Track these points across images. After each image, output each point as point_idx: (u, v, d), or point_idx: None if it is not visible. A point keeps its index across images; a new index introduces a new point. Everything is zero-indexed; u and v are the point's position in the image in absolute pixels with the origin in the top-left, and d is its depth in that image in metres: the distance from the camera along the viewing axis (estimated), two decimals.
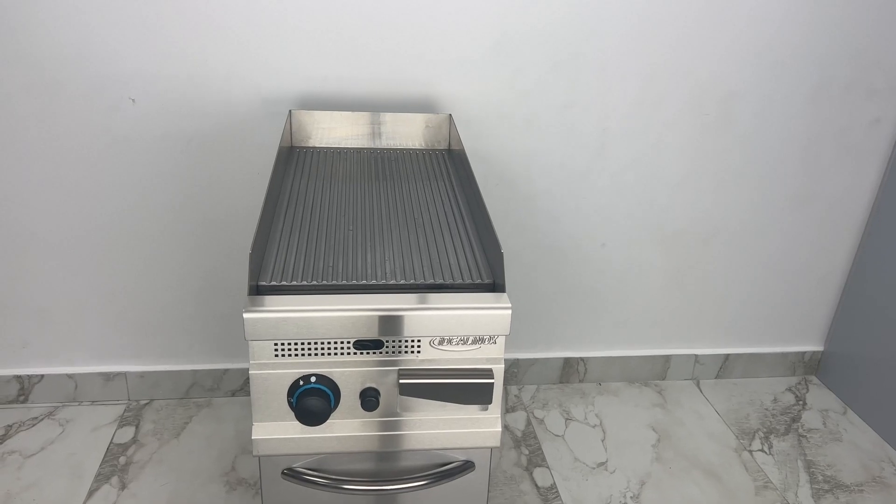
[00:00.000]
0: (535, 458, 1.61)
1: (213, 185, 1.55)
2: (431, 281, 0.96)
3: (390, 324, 0.88)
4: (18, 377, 1.67)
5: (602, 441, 1.67)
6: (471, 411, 0.94)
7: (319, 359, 0.90)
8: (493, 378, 0.91)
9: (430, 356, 0.91)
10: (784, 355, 1.94)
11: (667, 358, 1.89)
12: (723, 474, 1.60)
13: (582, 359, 1.86)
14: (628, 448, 1.66)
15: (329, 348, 0.89)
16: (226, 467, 1.54)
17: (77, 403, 1.71)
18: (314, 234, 1.07)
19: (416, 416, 0.93)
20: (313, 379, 0.90)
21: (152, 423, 1.66)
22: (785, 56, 1.59)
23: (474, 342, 0.91)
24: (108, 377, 1.70)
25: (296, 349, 0.89)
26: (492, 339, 0.91)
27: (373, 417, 0.93)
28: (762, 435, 1.73)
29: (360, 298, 0.89)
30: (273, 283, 0.94)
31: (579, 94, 1.57)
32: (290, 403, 0.90)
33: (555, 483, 1.54)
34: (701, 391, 1.88)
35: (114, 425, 1.64)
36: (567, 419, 1.74)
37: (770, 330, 1.92)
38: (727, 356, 1.91)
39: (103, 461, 1.54)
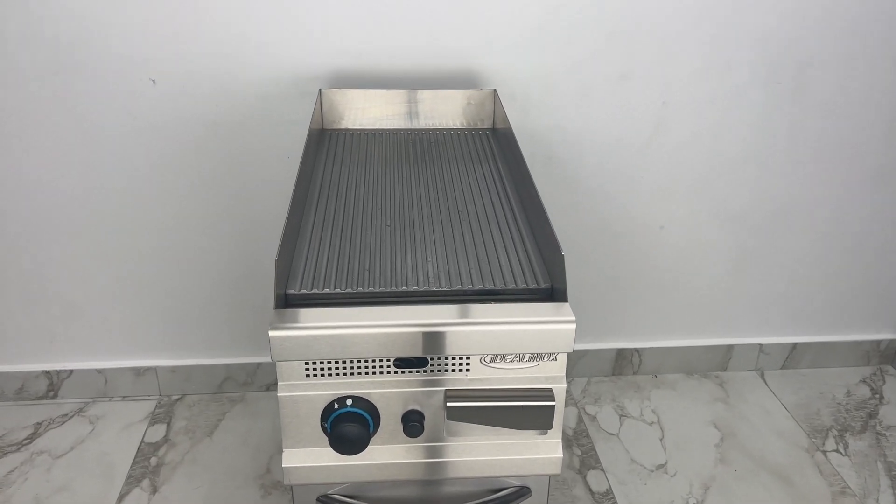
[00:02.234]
0: (589, 460, 1.50)
1: (241, 171, 1.45)
2: (480, 287, 0.85)
3: (435, 339, 0.77)
4: (47, 372, 1.61)
5: (660, 440, 1.56)
6: (527, 436, 0.83)
7: (356, 379, 0.79)
8: (553, 400, 0.80)
9: (480, 375, 0.80)
10: (858, 344, 1.79)
11: (728, 347, 1.75)
12: (795, 478, 1.47)
13: (636, 349, 1.73)
14: (689, 448, 1.54)
15: (367, 367, 0.79)
16: (261, 469, 1.46)
17: (107, 399, 1.65)
18: (348, 231, 0.96)
19: (466, 442, 0.83)
20: (349, 402, 0.79)
21: (184, 421, 1.59)
22: (867, 19, 1.42)
23: (531, 359, 0.79)
24: (138, 372, 1.63)
25: (329, 369, 0.78)
26: (552, 357, 0.79)
27: (416, 443, 0.83)
28: (836, 433, 1.59)
29: (401, 311, 0.78)
30: (303, 291, 0.83)
31: (636, 64, 1.42)
32: (323, 428, 0.80)
33: (610, 488, 1.43)
34: (766, 383, 1.75)
35: (145, 422, 1.58)
36: (621, 416, 1.63)
37: (842, 316, 1.76)
38: (794, 345, 1.77)
39: (134, 462, 1.47)
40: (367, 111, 1.32)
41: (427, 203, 1.05)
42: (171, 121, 1.39)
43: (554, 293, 0.84)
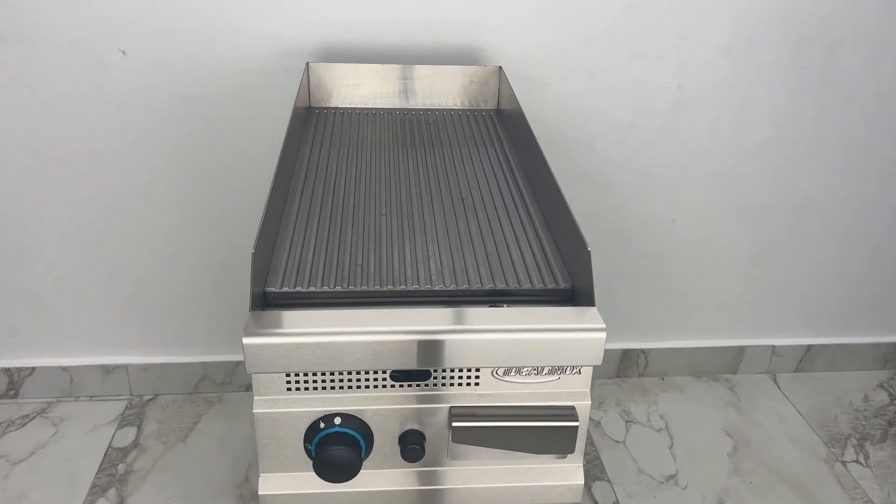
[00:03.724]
0: (594, 470, 1.39)
1: (219, 153, 1.32)
2: (491, 286, 0.73)
3: (438, 348, 0.65)
4: (7, 370, 1.48)
5: (670, 448, 1.45)
6: (544, 460, 0.71)
7: (346, 394, 0.68)
8: (576, 419, 0.68)
9: (491, 390, 0.68)
10: (875, 346, 1.69)
11: (740, 349, 1.65)
12: (814, 490, 1.37)
13: (643, 350, 1.63)
14: (700, 457, 1.44)
15: (358, 380, 0.67)
16: (239, 478, 1.35)
17: (73, 399, 1.52)
18: (337, 220, 0.84)
19: (473, 468, 0.71)
20: (338, 420, 0.68)
21: (156, 423, 1.46)
22: None
23: (551, 372, 0.68)
24: (107, 370, 1.51)
25: (315, 382, 0.67)
26: (575, 370, 0.68)
27: (416, 468, 0.71)
28: (855, 442, 1.49)
29: (399, 314, 0.66)
30: (285, 289, 0.72)
31: (652, 43, 1.31)
32: (307, 451, 0.69)
33: (618, 500, 1.33)
34: (779, 387, 1.65)
35: (113, 425, 1.45)
36: (627, 421, 1.52)
37: (859, 317, 1.66)
38: (809, 347, 1.67)
39: (100, 469, 1.35)
40: (359, 88, 1.19)
41: (427, 190, 0.93)
42: (143, 96, 1.26)
43: (576, 295, 0.73)
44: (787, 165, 1.45)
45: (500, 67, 1.20)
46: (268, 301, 0.71)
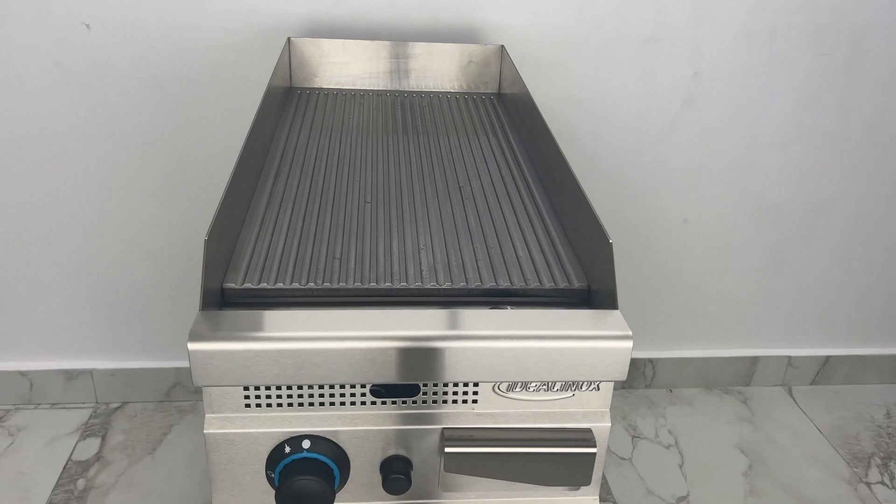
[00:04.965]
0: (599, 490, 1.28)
1: (190, 137, 1.21)
2: (492, 285, 0.62)
3: (430, 358, 0.54)
4: None
5: (680, 467, 1.34)
6: (555, 492, 0.60)
7: (317, 412, 0.56)
8: (593, 445, 0.57)
9: (492, 408, 0.57)
10: None
11: (753, 359, 1.54)
12: None
13: (650, 359, 1.52)
14: (713, 476, 1.32)
15: (332, 396, 0.56)
16: (209, 496, 1.23)
17: (32, 407, 1.40)
18: (314, 208, 0.73)
19: (469, 501, 0.60)
20: (307, 444, 0.56)
21: (122, 434, 1.34)
22: None
23: (564, 388, 0.57)
24: (70, 375, 1.39)
25: (279, 398, 0.55)
26: (593, 385, 0.57)
27: (400, 500, 0.60)
28: (879, 461, 1.38)
29: (383, 317, 0.55)
30: (247, 285, 0.60)
31: (666, 25, 1.20)
32: (270, 479, 0.57)
33: None
34: (795, 401, 1.54)
35: (75, 436, 1.33)
36: (634, 436, 1.41)
37: (883, 326, 1.56)
38: (827, 358, 1.56)
39: (57, 485, 1.23)
40: (347, 67, 1.08)
41: (419, 176, 0.82)
42: (108, 73, 1.15)
43: (593, 296, 0.62)
44: (808, 161, 1.35)
45: (503, 47, 1.09)
46: (226, 299, 0.60)
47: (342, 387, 0.55)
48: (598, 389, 0.57)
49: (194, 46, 1.14)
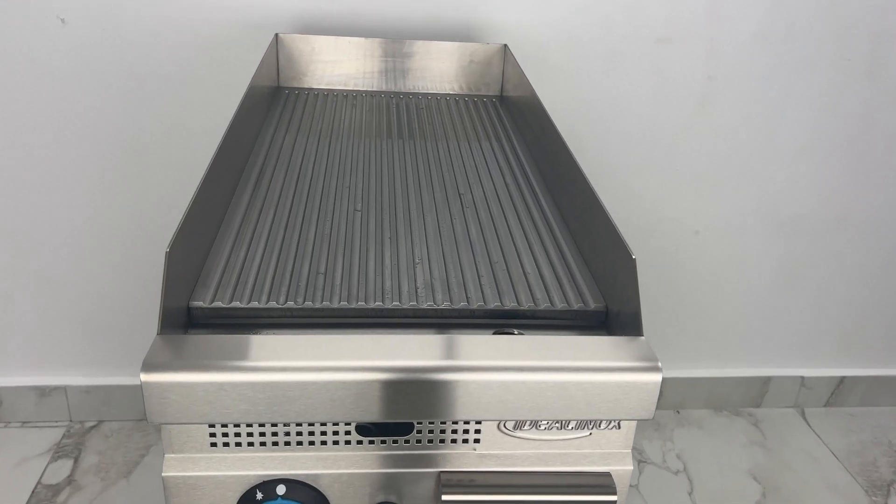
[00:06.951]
0: None
1: (171, 138, 1.14)
2: (497, 305, 0.54)
3: (425, 392, 0.46)
4: None
5: (689, 494, 1.26)
6: None
7: (294, 452, 0.48)
8: (613, 492, 0.49)
9: (496, 449, 0.50)
10: None
11: (765, 380, 1.46)
12: None
13: None
14: None
15: (312, 434, 0.48)
16: None
17: (2, 425, 1.32)
18: (298, 217, 0.66)
19: None
20: (281, 490, 0.48)
21: (97, 456, 1.26)
22: None
23: (579, 427, 0.49)
24: (42, 392, 1.31)
25: (251, 436, 0.48)
26: (613, 424, 0.49)
27: None
28: None
29: (372, 343, 0.47)
30: (217, 304, 0.53)
31: (679, 26, 1.14)
32: None
33: None
34: (808, 424, 1.46)
35: (46, 457, 1.25)
36: (640, 461, 1.33)
37: None
38: (842, 379, 1.49)
39: None
40: (338, 66, 1.01)
41: (415, 182, 0.75)
42: (84, 70, 1.08)
43: (612, 319, 0.54)
44: (826, 171, 1.28)
45: (506, 46, 1.02)
46: (192, 320, 0.52)
47: (323, 424, 0.48)
48: (619, 428, 0.50)
49: (175, 42, 1.06)
